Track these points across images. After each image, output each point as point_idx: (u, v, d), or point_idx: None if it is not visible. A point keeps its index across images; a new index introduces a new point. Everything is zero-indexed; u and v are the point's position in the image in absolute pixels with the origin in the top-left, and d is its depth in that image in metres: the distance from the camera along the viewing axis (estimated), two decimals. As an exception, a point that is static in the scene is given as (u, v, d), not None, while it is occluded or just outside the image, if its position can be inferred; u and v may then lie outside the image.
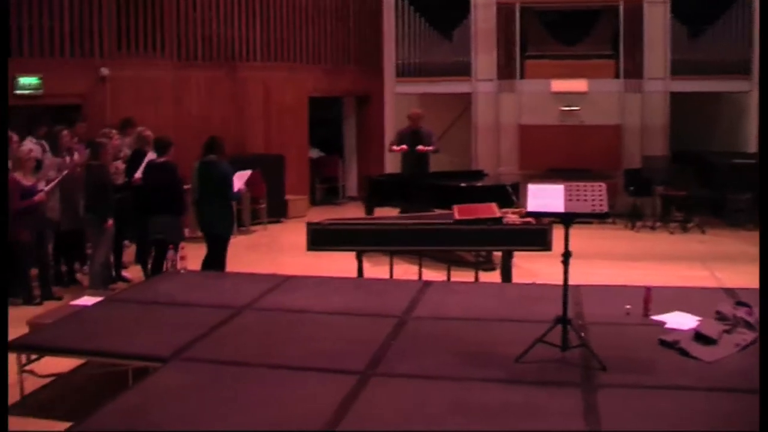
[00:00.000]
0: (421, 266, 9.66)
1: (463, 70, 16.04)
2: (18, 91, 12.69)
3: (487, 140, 16.02)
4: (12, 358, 6.64)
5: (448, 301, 7.45)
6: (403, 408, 4.95)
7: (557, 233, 7.80)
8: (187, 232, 11.99)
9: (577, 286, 7.39)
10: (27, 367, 6.68)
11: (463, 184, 11.85)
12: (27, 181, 9.69)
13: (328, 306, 7.27)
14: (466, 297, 7.64)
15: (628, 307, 6.90)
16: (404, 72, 16.37)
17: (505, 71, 15.78)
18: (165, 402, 5.14)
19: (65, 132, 10.67)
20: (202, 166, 9.93)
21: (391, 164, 15.74)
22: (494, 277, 10.15)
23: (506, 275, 9.66)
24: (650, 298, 6.87)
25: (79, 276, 10.98)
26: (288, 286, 8.09)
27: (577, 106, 15.29)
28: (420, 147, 12.96)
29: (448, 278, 9.40)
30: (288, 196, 16.08)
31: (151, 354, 6.11)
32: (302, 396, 5.18)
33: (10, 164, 9.82)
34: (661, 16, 15.15)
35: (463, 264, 11.03)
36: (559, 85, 15.43)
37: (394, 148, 13.43)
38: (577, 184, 5.93)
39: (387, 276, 9.51)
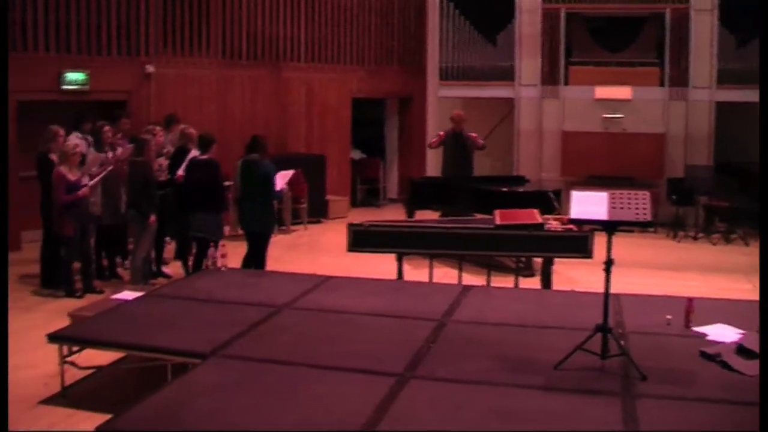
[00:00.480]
0: (461, 270, 9.65)
1: (506, 74, 16.00)
2: (65, 87, 12.88)
3: (529, 146, 15.96)
4: (54, 349, 6.74)
5: (487, 306, 7.44)
6: (441, 412, 4.95)
7: (598, 241, 7.77)
8: (228, 230, 12.06)
9: (618, 295, 7.35)
10: (68, 359, 6.75)
11: (504, 189, 11.82)
12: (72, 175, 9.77)
13: (367, 307, 7.28)
14: (506, 302, 7.62)
15: (669, 317, 6.84)
16: (448, 75, 16.36)
17: (549, 77, 15.72)
18: (203, 398, 5.17)
19: (107, 128, 10.77)
20: (245, 164, 9.97)
21: (433, 167, 15.72)
22: (534, 283, 10.11)
23: (546, 282, 9.63)
24: (692, 310, 6.81)
25: (120, 270, 11.10)
26: (327, 287, 8.12)
27: (620, 114, 15.18)
28: (473, 134, 12.90)
29: (488, 283, 9.39)
30: (329, 197, 16.14)
31: (190, 350, 6.16)
32: (340, 396, 5.19)
33: (56, 158, 9.95)
34: (708, 24, 14.98)
35: (503, 269, 11.01)
36: (603, 91, 15.33)
37: (433, 140, 13.40)
38: (621, 191, 5.90)
39: (427, 279, 9.50)
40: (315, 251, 13.06)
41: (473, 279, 9.94)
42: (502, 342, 6.32)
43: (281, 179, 10.43)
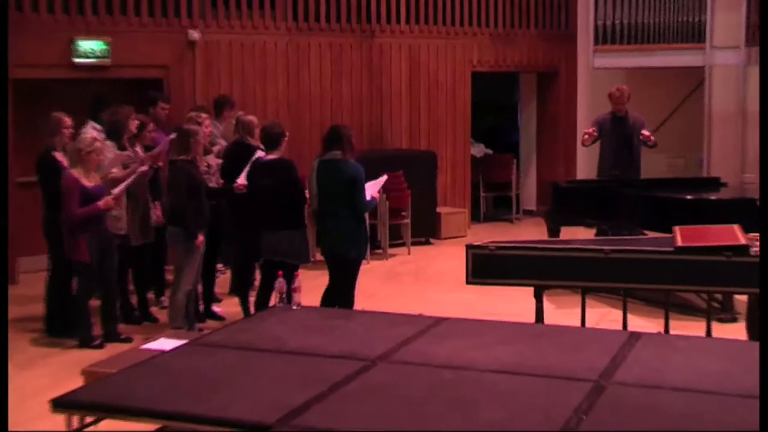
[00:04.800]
0: (626, 311, 9.52)
1: (692, 34, 15.79)
2: (77, 60, 13.05)
3: (726, 135, 15.72)
4: (61, 420, 6.81)
5: (666, 362, 7.30)
6: None
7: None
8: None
9: None
10: (81, 433, 6.83)
11: (689, 197, 11.63)
12: (89, 181, 9.82)
13: (495, 361, 7.21)
14: (693, 357, 7.46)
15: None
16: (606, 38, 16.25)
17: (757, 36, 15.43)
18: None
19: (133, 115, 10.85)
20: (323, 165, 9.98)
21: (586, 166, 15.60)
22: (736, 330, 9.93)
23: (754, 329, 9.40)
24: None
25: (155, 310, 11.24)
26: (440, 332, 8.07)
27: None
28: (645, 132, 12.74)
29: (666, 329, 9.23)
30: (441, 209, 16.17)
31: (250, 420, 6.16)
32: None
33: (61, 157, 10.08)
34: None
35: (688, 310, 10.85)
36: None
37: (584, 137, 13.22)
38: None
39: (577, 322, 9.41)
40: (422, 283, 13.14)
41: (645, 323, 9.82)
42: (686, 414, 6.19)
43: (371, 188, 10.40)
